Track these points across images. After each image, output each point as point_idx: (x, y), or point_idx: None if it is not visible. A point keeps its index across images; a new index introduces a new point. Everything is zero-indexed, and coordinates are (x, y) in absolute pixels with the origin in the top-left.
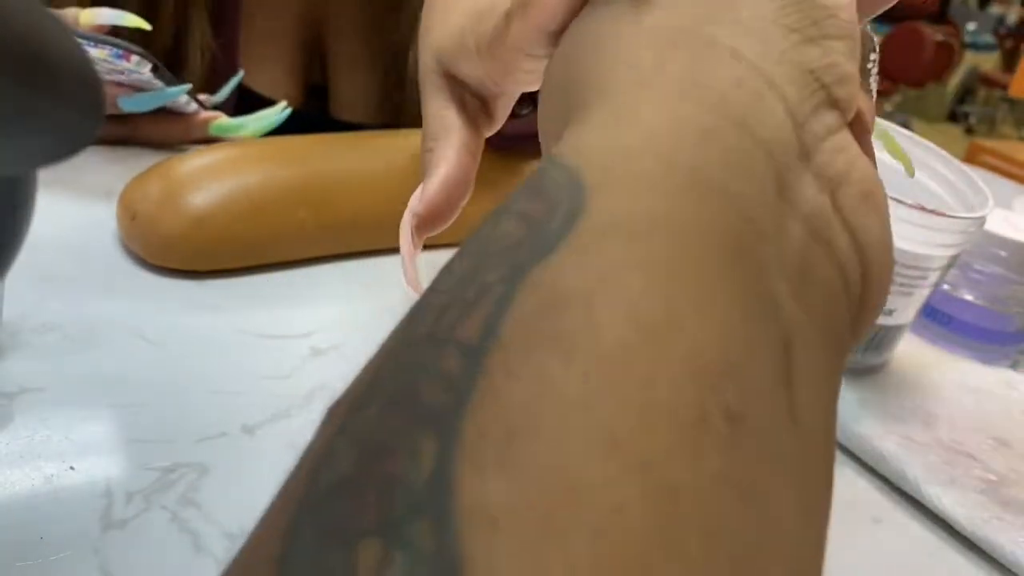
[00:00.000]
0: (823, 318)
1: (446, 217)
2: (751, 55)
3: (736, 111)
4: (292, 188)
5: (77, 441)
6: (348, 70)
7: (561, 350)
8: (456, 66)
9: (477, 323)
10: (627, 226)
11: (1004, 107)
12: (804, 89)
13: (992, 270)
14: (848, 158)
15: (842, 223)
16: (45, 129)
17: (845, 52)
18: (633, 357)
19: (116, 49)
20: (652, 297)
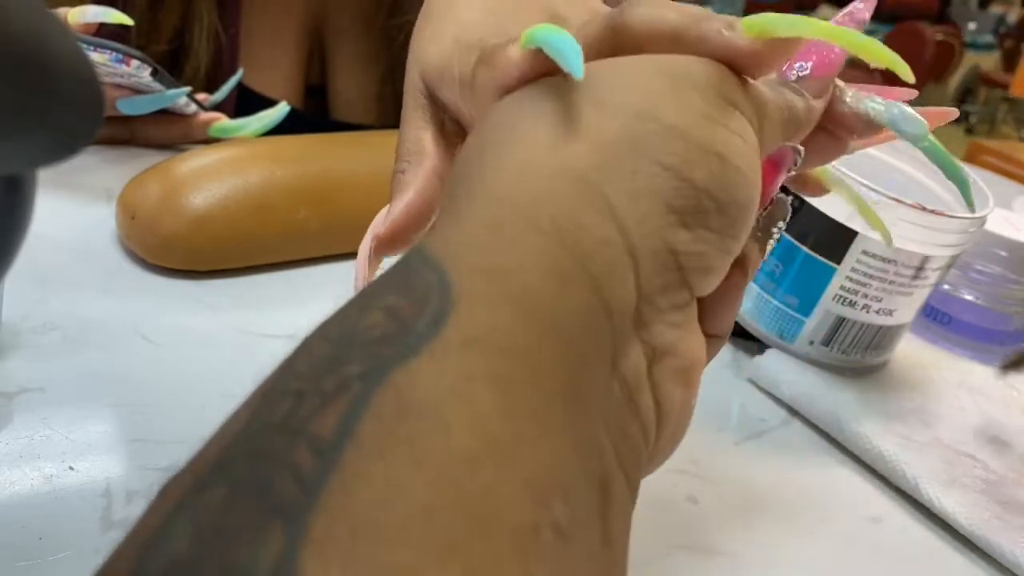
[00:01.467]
0: (630, 466)
1: (407, 241)
2: (627, 220)
3: (595, 268)
4: (292, 188)
5: (77, 441)
6: (348, 71)
7: (412, 457)
8: (439, 90)
9: (333, 419)
10: (485, 344)
11: (1004, 107)
12: (660, 266)
13: (992, 270)
14: (678, 335)
15: (651, 390)
16: (44, 129)
17: (718, 248)
18: (477, 469)
19: (116, 53)
20: (500, 416)
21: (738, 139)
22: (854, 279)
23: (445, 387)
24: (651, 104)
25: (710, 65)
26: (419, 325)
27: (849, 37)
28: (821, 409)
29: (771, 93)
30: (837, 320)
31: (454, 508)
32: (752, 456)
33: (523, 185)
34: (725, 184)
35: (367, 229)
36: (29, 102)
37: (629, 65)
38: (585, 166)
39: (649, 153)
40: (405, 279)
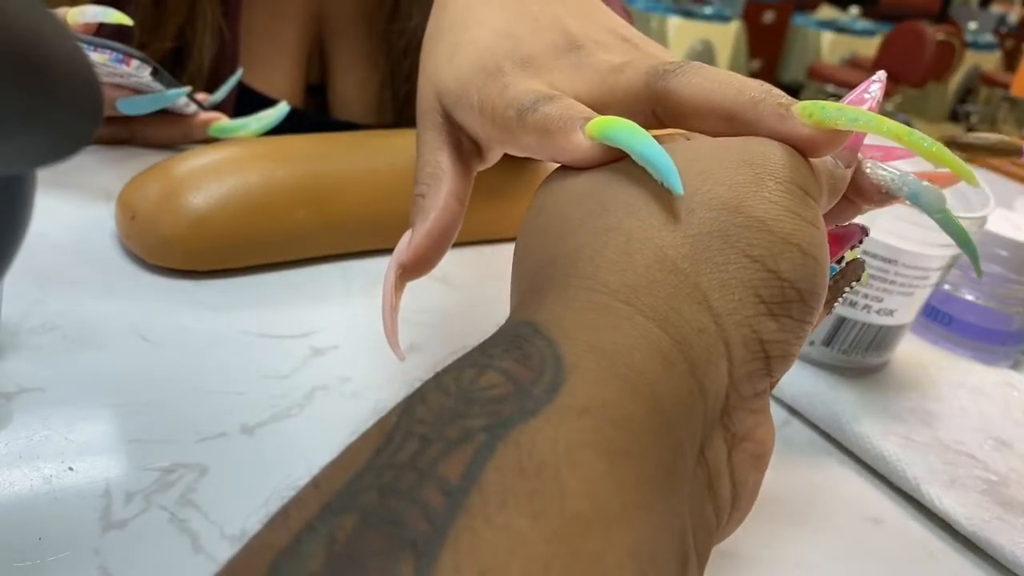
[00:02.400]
0: (702, 547)
1: (431, 265)
2: (720, 310)
3: (693, 354)
4: (292, 188)
5: (76, 441)
6: (348, 70)
7: (531, 510)
8: (455, 112)
9: (459, 466)
10: (597, 415)
11: (1005, 106)
12: (749, 354)
13: (993, 270)
14: (757, 420)
15: (729, 475)
16: (44, 129)
17: (798, 335)
18: (589, 532)
19: (116, 53)
20: (610, 484)
21: (814, 230)
22: None
23: (561, 450)
24: (736, 196)
25: (785, 153)
26: (536, 390)
27: (915, 140)
28: (821, 409)
29: (821, 165)
30: (838, 320)
31: (567, 566)
32: None
33: (623, 272)
34: (806, 275)
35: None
36: (28, 102)
37: (711, 154)
38: (678, 256)
39: (737, 244)
40: (519, 347)
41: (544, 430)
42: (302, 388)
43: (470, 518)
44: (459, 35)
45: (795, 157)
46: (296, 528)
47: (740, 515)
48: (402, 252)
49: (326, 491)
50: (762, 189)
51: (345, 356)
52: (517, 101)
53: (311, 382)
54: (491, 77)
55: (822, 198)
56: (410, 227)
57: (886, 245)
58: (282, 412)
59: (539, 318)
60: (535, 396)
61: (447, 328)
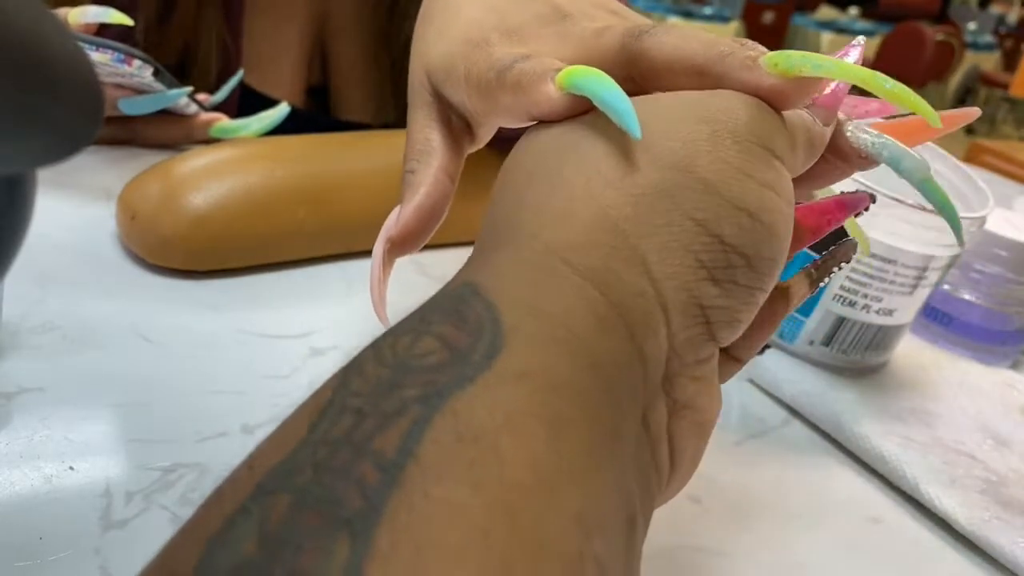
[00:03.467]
0: (647, 510)
1: (419, 241)
2: (659, 274)
3: (631, 318)
4: (292, 188)
5: (77, 441)
6: (349, 70)
7: (470, 481)
8: (444, 88)
9: (395, 439)
10: (537, 380)
11: (1004, 107)
12: (690, 319)
13: (992, 270)
14: (699, 388)
15: (668, 441)
16: (45, 129)
17: (745, 301)
18: (530, 498)
19: (118, 53)
20: (551, 450)
21: (770, 193)
22: (854, 279)
23: (500, 418)
24: (689, 155)
25: (750, 107)
26: (474, 356)
27: (877, 81)
28: (821, 409)
29: (796, 118)
30: (837, 320)
31: (509, 533)
32: (752, 456)
33: (564, 232)
34: (753, 240)
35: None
36: (29, 102)
37: (673, 108)
38: (620, 216)
39: (681, 206)
40: (457, 310)
41: (482, 398)
42: (302, 388)
43: (407, 493)
44: (447, 13)
45: (762, 111)
46: (229, 511)
47: (679, 483)
48: (391, 227)
49: (259, 471)
50: (717, 148)
51: (345, 356)
52: (498, 63)
53: (311, 382)
54: (477, 48)
55: (795, 154)
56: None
57: (886, 245)
58: (282, 412)
59: (478, 279)
60: (472, 362)
61: None
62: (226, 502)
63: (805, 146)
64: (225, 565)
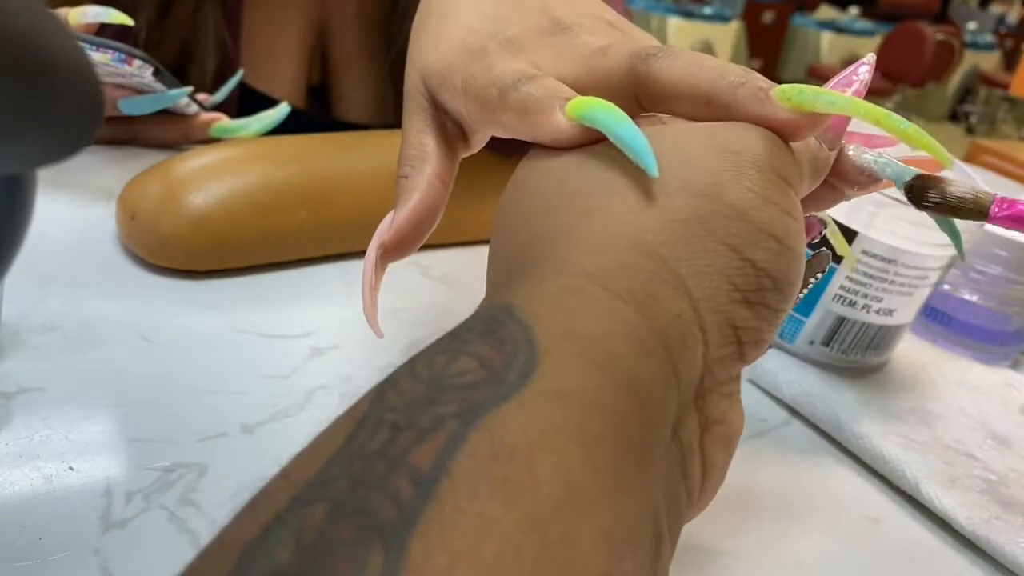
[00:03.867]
0: (674, 527)
1: (412, 246)
2: (697, 296)
3: (669, 339)
4: (292, 188)
5: (77, 441)
6: (350, 70)
7: (504, 497)
8: (439, 95)
9: (430, 454)
10: (571, 399)
11: (1005, 107)
12: (723, 339)
13: (992, 270)
14: (729, 404)
15: (700, 456)
16: (45, 129)
17: (771, 322)
18: (562, 515)
19: (118, 53)
20: (584, 468)
21: (791, 220)
22: (854, 279)
23: (534, 435)
24: (716, 184)
25: (765, 140)
26: (509, 376)
27: (891, 122)
28: (821, 409)
29: (803, 148)
30: (837, 320)
31: (540, 549)
32: (752, 456)
33: (600, 256)
34: (781, 264)
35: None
36: (29, 102)
37: (692, 139)
38: (656, 241)
39: (715, 232)
40: (493, 332)
41: (516, 416)
42: (302, 388)
43: (440, 506)
44: (444, 20)
45: (775, 144)
46: (265, 520)
47: (708, 496)
48: (383, 232)
49: (296, 481)
50: (742, 177)
51: (345, 356)
52: (499, 80)
53: (311, 382)
54: (475, 58)
55: (803, 182)
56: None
57: (886, 245)
58: (282, 412)
59: (514, 301)
60: (508, 381)
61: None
62: (261, 511)
63: (811, 172)
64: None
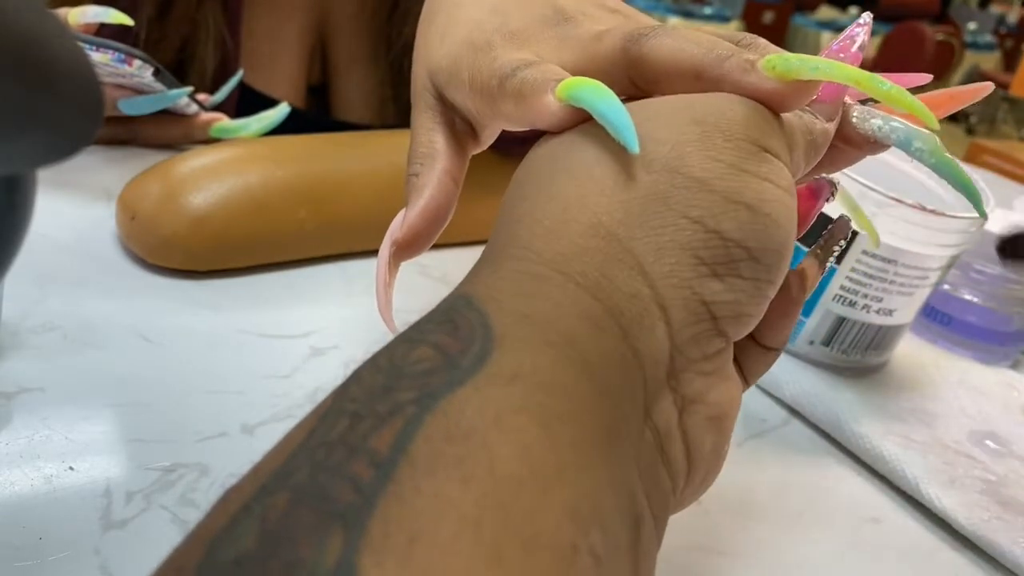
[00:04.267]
0: (658, 509)
1: (424, 244)
2: (655, 274)
3: (625, 320)
4: (292, 188)
5: (77, 441)
6: (350, 70)
7: (460, 476)
8: (447, 91)
9: (389, 437)
10: (527, 380)
11: (1004, 107)
12: (692, 316)
13: (992, 270)
14: (709, 383)
15: (681, 439)
16: (44, 129)
17: (751, 293)
18: (523, 491)
19: (118, 53)
20: (542, 445)
21: (769, 185)
22: (854, 279)
23: (490, 416)
24: (678, 157)
25: (743, 108)
26: (464, 361)
27: (873, 84)
28: (821, 409)
29: (796, 120)
30: (837, 320)
31: (500, 524)
32: (752, 456)
33: (557, 241)
34: (755, 233)
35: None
36: (29, 102)
37: (662, 113)
38: (612, 222)
39: (675, 207)
40: (450, 320)
41: (472, 398)
42: (302, 388)
43: (399, 487)
44: (450, 16)
45: (756, 112)
46: (233, 511)
47: (702, 479)
48: (395, 231)
49: (263, 474)
50: (708, 147)
51: (345, 356)
52: (500, 70)
53: (311, 382)
54: (480, 52)
55: (795, 155)
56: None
57: (886, 245)
58: (282, 412)
59: (472, 290)
60: (463, 367)
61: None
62: (231, 503)
63: (806, 147)
64: (226, 560)
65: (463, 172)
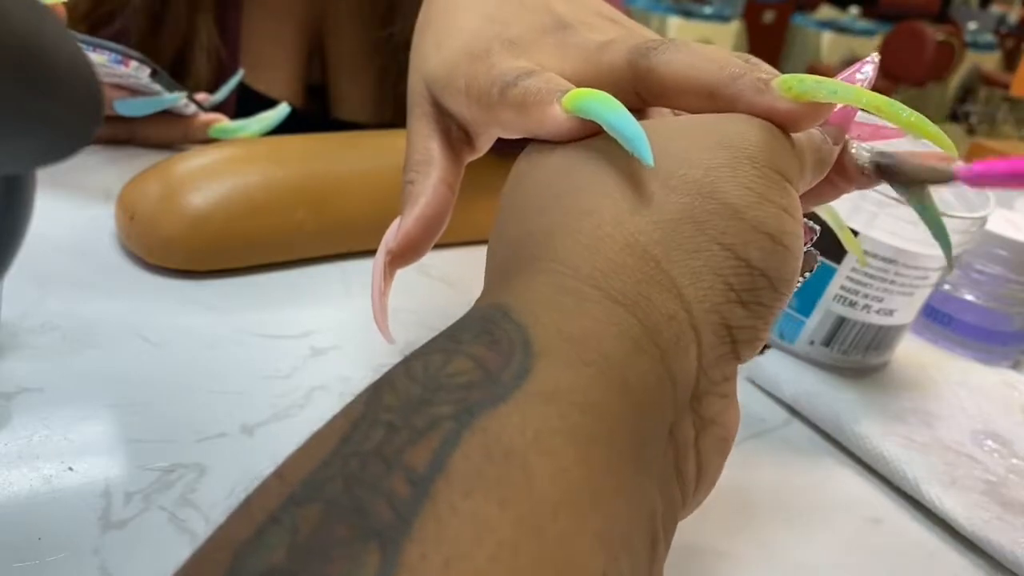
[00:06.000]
0: (669, 527)
1: (420, 252)
2: (690, 297)
3: (663, 340)
4: (291, 188)
5: (76, 441)
6: (348, 70)
7: (498, 496)
8: (443, 98)
9: (426, 454)
10: (566, 400)
11: (1005, 107)
12: (718, 340)
13: (993, 270)
14: (725, 404)
15: (696, 457)
16: (44, 129)
17: (767, 320)
18: (557, 516)
19: (115, 54)
20: (579, 469)
21: (788, 217)
22: (854, 279)
23: (529, 436)
24: (711, 181)
25: (764, 133)
26: (504, 376)
27: (894, 111)
28: (822, 409)
29: (806, 140)
30: (837, 320)
31: (536, 549)
32: (752, 456)
33: (594, 258)
34: (776, 262)
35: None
36: (29, 102)
37: (689, 133)
38: (649, 242)
39: (708, 232)
40: (489, 332)
41: (512, 416)
42: (302, 388)
43: (436, 507)
44: (446, 23)
45: (775, 137)
46: (259, 519)
47: (701, 497)
48: (391, 239)
49: (290, 481)
50: (738, 174)
51: (345, 356)
52: (500, 78)
53: (311, 382)
54: (478, 60)
55: (804, 175)
56: (399, 214)
57: (886, 245)
58: (282, 412)
59: (509, 301)
60: (503, 382)
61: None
62: (256, 511)
63: (813, 166)
64: (254, 572)
65: (459, 179)
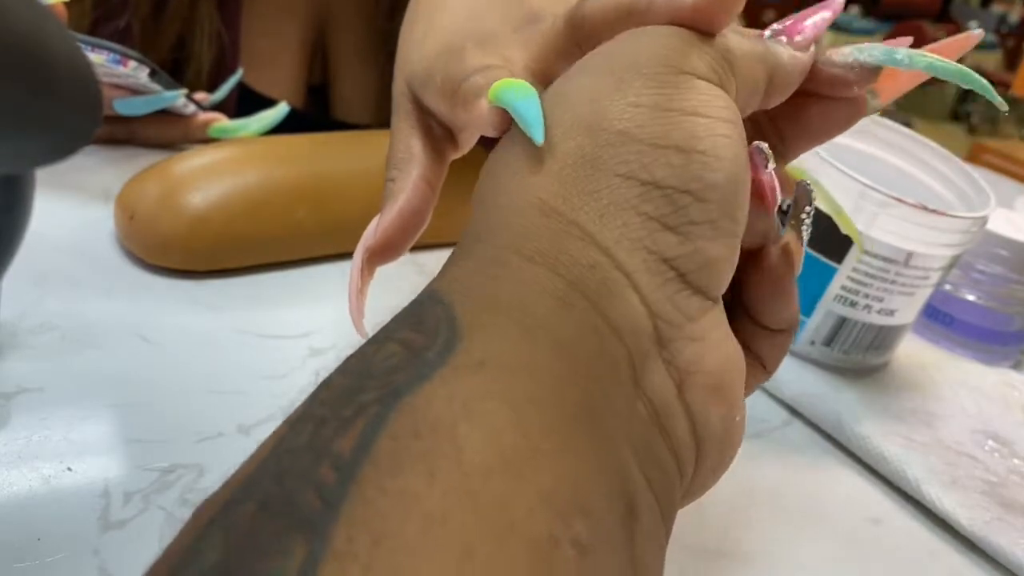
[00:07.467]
0: (660, 490)
1: (399, 249)
2: (606, 241)
3: (590, 292)
4: (291, 188)
5: (75, 441)
6: (349, 70)
7: (426, 470)
8: (423, 96)
9: (352, 439)
10: (495, 365)
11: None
12: (658, 277)
13: (994, 270)
14: (701, 349)
15: (684, 412)
16: (43, 129)
17: (711, 238)
18: (493, 480)
19: (113, 54)
20: (514, 431)
21: (698, 120)
22: (855, 279)
23: (458, 406)
24: (596, 112)
25: (661, 36)
26: (429, 354)
27: None
28: (822, 409)
29: (736, 40)
30: (838, 320)
31: (469, 516)
32: (753, 456)
33: (507, 224)
34: (693, 173)
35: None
36: (29, 102)
37: (580, 73)
38: (550, 196)
39: (603, 167)
40: (417, 315)
41: (438, 391)
42: (301, 388)
43: (362, 489)
44: (429, 22)
45: (671, 36)
46: (200, 525)
47: (716, 458)
48: (369, 236)
49: (231, 486)
50: (625, 93)
51: (344, 356)
52: (460, 75)
53: (310, 382)
54: (453, 57)
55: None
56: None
57: (888, 245)
58: (280, 412)
59: (437, 284)
60: (428, 360)
61: None
62: (201, 518)
63: (764, 69)
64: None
65: (441, 177)
